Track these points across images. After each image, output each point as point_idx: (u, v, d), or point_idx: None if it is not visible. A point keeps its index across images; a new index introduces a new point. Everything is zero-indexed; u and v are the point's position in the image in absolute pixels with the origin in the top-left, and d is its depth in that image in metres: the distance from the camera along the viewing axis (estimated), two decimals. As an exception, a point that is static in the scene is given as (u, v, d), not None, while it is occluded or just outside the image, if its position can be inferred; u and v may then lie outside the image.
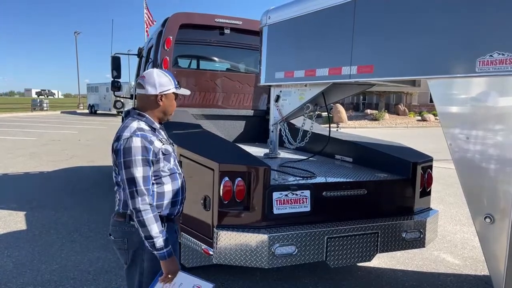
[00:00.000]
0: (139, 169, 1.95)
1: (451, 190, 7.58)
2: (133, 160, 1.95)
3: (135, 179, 1.94)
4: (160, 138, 2.12)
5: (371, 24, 3.03)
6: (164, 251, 1.98)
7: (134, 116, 2.12)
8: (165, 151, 2.10)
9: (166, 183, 2.12)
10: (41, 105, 36.80)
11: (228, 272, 3.86)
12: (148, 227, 1.94)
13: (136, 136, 1.98)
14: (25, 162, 10.02)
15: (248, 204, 2.98)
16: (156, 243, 1.95)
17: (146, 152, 1.98)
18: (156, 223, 1.96)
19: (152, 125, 2.12)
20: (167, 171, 2.12)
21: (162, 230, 1.99)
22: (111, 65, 6.26)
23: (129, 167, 1.94)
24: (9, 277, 3.77)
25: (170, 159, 2.13)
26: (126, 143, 1.97)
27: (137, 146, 1.96)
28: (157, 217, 1.98)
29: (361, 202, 3.35)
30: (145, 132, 2.03)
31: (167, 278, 2.03)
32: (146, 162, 1.98)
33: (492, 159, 2.30)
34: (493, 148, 2.29)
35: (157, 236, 1.95)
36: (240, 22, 5.60)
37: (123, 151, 1.96)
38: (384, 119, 28.36)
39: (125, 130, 2.02)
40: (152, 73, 2.14)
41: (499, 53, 2.17)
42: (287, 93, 4.15)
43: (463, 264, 4.38)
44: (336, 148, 4.46)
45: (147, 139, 2.01)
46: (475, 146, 2.36)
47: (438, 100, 2.55)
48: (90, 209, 5.92)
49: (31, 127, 20.12)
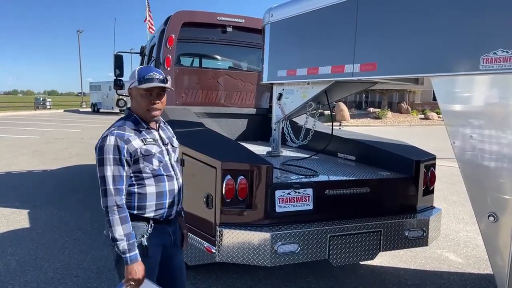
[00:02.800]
0: (108, 168, 1.94)
1: (454, 189, 7.56)
2: (104, 158, 1.94)
3: (105, 177, 1.93)
4: (143, 138, 2.05)
5: (374, 22, 3.02)
6: (127, 256, 1.92)
7: (125, 115, 2.14)
8: (145, 151, 2.03)
9: (149, 185, 2.05)
10: (44, 104, 36.90)
11: (231, 270, 3.86)
12: (112, 228, 1.91)
13: (111, 134, 1.98)
14: (28, 160, 10.05)
15: (250, 202, 2.98)
16: (119, 246, 1.91)
17: (118, 151, 1.95)
18: (122, 225, 1.91)
19: (137, 124, 2.07)
20: (149, 172, 2.04)
21: (130, 234, 1.93)
22: (114, 64, 6.26)
23: (102, 165, 1.94)
24: (12, 275, 3.78)
25: (151, 160, 2.04)
26: (101, 141, 1.98)
27: (110, 144, 1.95)
28: (125, 219, 1.93)
29: (363, 201, 3.34)
30: (124, 132, 2.00)
31: (128, 284, 1.95)
32: (118, 161, 1.95)
33: (496, 157, 2.29)
34: (497, 146, 2.28)
35: (120, 239, 1.91)
36: (243, 20, 5.59)
37: (98, 150, 1.97)
38: (386, 117, 28.30)
39: (108, 129, 2.04)
40: None
41: (503, 50, 2.16)
42: (290, 91, 4.14)
43: (466, 262, 4.36)
44: (339, 147, 4.45)
45: (122, 138, 1.98)
46: (479, 145, 2.34)
47: (442, 98, 2.54)
48: (92, 207, 5.94)
49: (34, 125, 20.18)
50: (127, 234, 1.92)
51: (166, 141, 2.18)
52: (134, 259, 1.94)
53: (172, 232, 2.22)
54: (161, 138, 2.15)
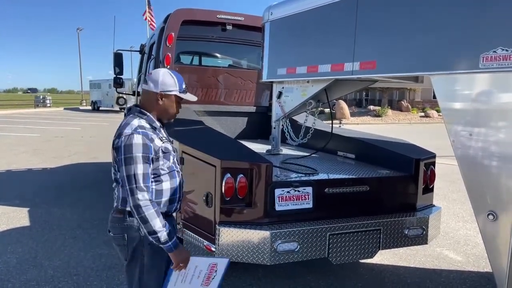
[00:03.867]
0: (139, 166, 1.95)
1: (454, 187, 7.56)
2: (134, 157, 1.95)
3: (136, 176, 1.94)
4: (160, 136, 2.12)
5: (373, 20, 3.01)
6: (170, 244, 2.00)
7: (135, 113, 2.12)
8: (165, 149, 2.11)
9: (165, 181, 2.13)
10: (44, 102, 36.89)
11: (230, 268, 3.85)
12: (151, 222, 1.94)
13: (137, 133, 1.99)
14: (28, 158, 10.06)
15: (250, 201, 2.97)
16: (161, 237, 1.97)
17: (147, 149, 1.99)
18: (158, 217, 1.97)
19: (152, 123, 2.12)
20: (166, 169, 2.13)
21: (165, 224, 2.00)
22: (114, 62, 6.25)
23: (130, 164, 1.95)
24: (12, 273, 3.79)
25: (169, 157, 2.14)
26: (127, 140, 1.97)
27: (138, 143, 1.97)
28: (158, 212, 1.99)
29: (363, 199, 3.34)
30: (146, 130, 2.03)
31: (179, 267, 2.06)
32: (147, 159, 1.99)
33: (495, 155, 2.29)
34: (496, 144, 2.28)
35: (160, 230, 1.96)
36: (242, 18, 5.58)
37: (124, 148, 1.96)
38: (387, 116, 28.28)
39: (126, 127, 2.02)
40: (159, 71, 2.14)
41: (503, 49, 2.15)
42: (290, 89, 4.13)
43: (466, 260, 4.37)
44: (339, 145, 4.45)
45: (148, 137, 2.01)
46: (478, 143, 2.34)
47: (441, 97, 2.54)
48: (92, 205, 5.95)
49: (34, 123, 20.19)
50: (164, 225, 1.99)
51: (170, 138, 2.26)
52: (176, 245, 2.03)
53: (174, 225, 2.30)
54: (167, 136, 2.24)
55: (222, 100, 5.65)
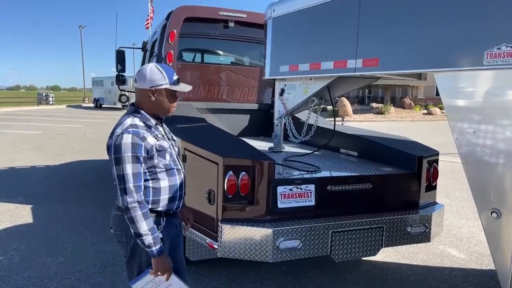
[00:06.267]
0: (128, 166, 1.94)
1: (457, 184, 7.54)
2: (122, 157, 1.94)
3: (125, 176, 1.94)
4: (155, 134, 2.09)
5: (376, 17, 3.00)
6: (153, 249, 1.97)
7: (130, 112, 2.12)
8: (159, 147, 2.07)
9: (162, 179, 2.11)
10: (46, 99, 36.97)
11: (233, 265, 3.87)
12: (137, 224, 1.93)
13: (127, 133, 1.97)
14: (31, 155, 10.09)
15: (252, 198, 2.97)
16: (145, 241, 1.95)
17: (136, 149, 1.97)
18: (146, 220, 1.95)
19: (147, 121, 2.09)
20: (162, 167, 2.10)
21: (153, 228, 1.97)
22: (116, 59, 6.25)
23: (119, 164, 1.94)
24: (16, 270, 3.81)
25: (165, 155, 2.10)
26: (117, 140, 1.97)
27: (127, 143, 1.95)
28: (147, 215, 1.97)
29: (366, 196, 3.34)
30: (137, 129, 2.01)
31: (156, 274, 2.03)
32: (136, 159, 1.97)
33: (499, 153, 2.28)
34: (500, 142, 2.27)
35: (146, 233, 1.94)
36: (245, 15, 5.56)
37: (114, 148, 1.96)
38: (389, 113, 28.21)
39: (118, 127, 2.02)
40: (146, 67, 2.11)
41: (507, 45, 2.14)
42: (292, 86, 4.12)
43: (469, 258, 4.36)
44: (341, 142, 4.44)
45: (139, 135, 1.99)
46: (482, 140, 2.33)
47: (445, 94, 2.53)
48: (95, 202, 5.96)
49: (37, 121, 20.24)
50: (151, 229, 1.96)
51: (169, 135, 2.23)
52: (160, 252, 1.99)
53: (178, 224, 2.29)
54: (165, 133, 2.21)
55: (225, 98, 5.64)
